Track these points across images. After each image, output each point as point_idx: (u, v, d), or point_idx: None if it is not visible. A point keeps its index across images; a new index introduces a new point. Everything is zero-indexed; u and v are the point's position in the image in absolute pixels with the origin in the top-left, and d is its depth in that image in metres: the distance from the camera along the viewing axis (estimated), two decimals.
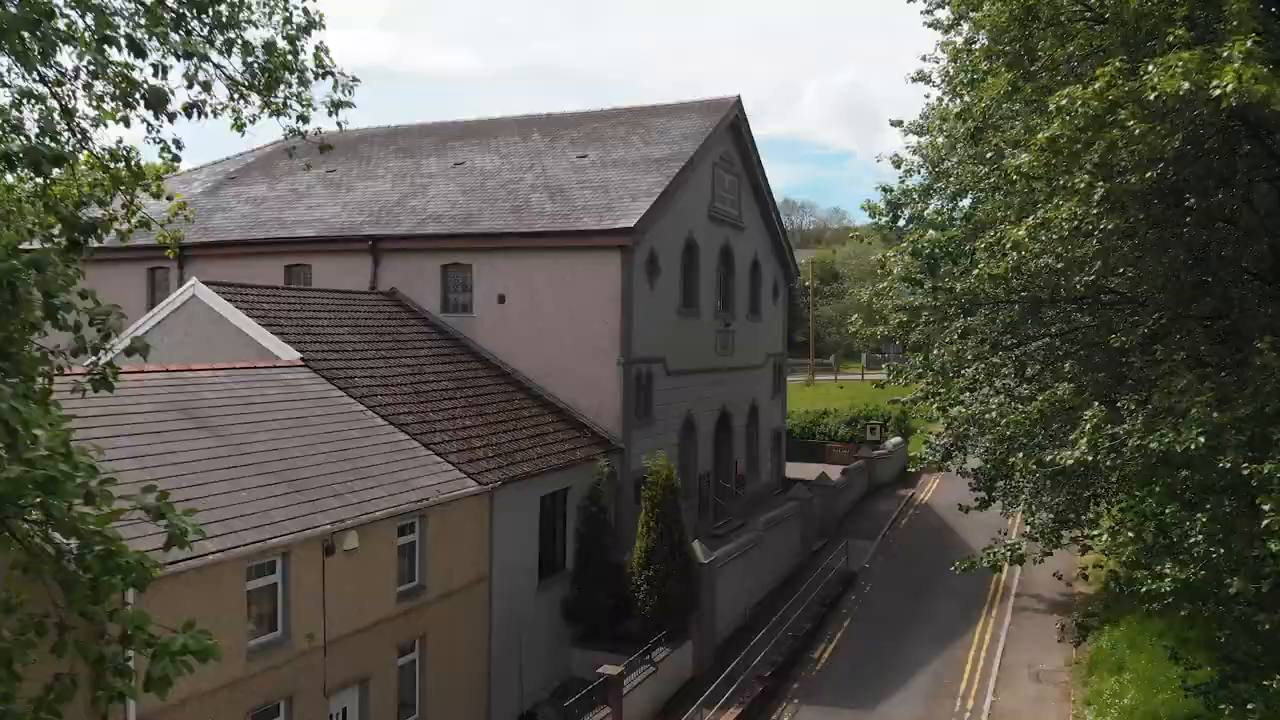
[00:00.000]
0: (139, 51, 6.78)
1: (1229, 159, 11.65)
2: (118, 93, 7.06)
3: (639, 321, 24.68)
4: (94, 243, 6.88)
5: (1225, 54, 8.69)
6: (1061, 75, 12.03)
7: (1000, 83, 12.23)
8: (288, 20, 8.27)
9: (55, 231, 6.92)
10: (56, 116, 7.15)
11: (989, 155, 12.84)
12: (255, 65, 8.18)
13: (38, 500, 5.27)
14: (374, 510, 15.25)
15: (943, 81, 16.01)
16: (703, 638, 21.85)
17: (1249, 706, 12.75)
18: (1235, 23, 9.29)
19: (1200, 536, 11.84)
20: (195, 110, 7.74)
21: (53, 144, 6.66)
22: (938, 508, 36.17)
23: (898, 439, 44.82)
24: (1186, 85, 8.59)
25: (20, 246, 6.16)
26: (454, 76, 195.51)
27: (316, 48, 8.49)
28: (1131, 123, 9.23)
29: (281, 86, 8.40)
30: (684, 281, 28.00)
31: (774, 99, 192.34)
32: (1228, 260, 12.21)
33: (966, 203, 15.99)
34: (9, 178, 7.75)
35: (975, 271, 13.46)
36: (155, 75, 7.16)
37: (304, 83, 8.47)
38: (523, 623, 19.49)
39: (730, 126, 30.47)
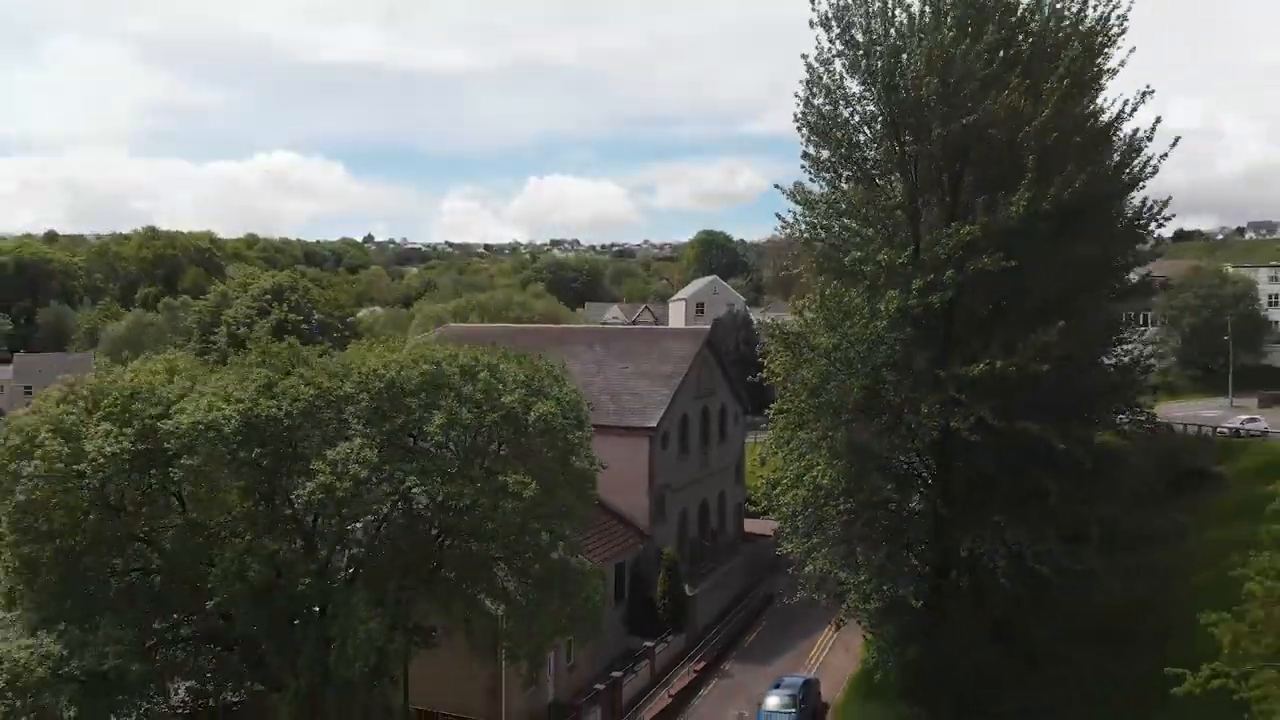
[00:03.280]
0: None
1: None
2: None
3: (658, 469, 48.06)
4: None
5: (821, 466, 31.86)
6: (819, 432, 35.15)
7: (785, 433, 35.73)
8: None
9: None
10: None
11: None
12: None
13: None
14: None
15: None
16: (691, 631, 45.43)
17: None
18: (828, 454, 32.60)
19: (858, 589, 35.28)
20: None
21: None
22: None
23: None
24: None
25: None
26: (451, 74, 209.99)
27: None
28: None
29: None
30: (681, 437, 51.35)
31: (772, 97, 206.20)
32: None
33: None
34: None
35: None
36: None
37: None
38: (607, 623, 42.91)
39: (707, 342, 53.82)
